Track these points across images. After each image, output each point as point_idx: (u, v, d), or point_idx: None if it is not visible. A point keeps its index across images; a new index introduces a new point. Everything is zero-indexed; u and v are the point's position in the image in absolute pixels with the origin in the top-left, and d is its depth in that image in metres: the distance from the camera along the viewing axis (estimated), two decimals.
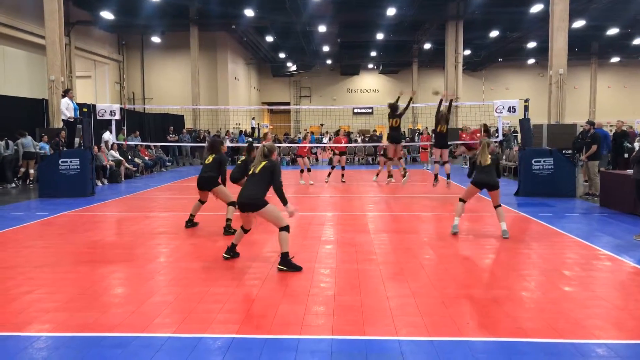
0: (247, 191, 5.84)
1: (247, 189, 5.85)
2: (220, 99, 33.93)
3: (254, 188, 5.81)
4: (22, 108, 16.87)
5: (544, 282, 5.33)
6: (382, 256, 6.41)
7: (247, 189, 5.87)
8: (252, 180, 5.88)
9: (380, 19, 28.35)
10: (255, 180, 5.85)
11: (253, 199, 5.77)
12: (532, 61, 43.22)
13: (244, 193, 5.86)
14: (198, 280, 5.40)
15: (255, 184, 5.83)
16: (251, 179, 5.91)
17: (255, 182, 5.84)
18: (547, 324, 4.13)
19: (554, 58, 16.52)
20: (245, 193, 5.84)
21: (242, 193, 5.89)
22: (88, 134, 12.71)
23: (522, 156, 12.01)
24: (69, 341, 3.86)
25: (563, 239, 7.38)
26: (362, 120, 42.86)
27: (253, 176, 5.90)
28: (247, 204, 5.82)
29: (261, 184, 5.82)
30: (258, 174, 5.85)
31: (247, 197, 5.81)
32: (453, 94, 26.50)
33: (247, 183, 5.97)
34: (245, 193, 5.84)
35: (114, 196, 12.41)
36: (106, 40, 31.98)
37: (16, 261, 6.25)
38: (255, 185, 5.82)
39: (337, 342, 3.81)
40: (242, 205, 5.87)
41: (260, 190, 5.80)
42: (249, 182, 5.92)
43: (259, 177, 5.83)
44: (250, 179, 5.92)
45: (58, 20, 16.10)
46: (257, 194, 5.78)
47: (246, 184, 5.96)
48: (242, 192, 5.89)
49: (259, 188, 5.81)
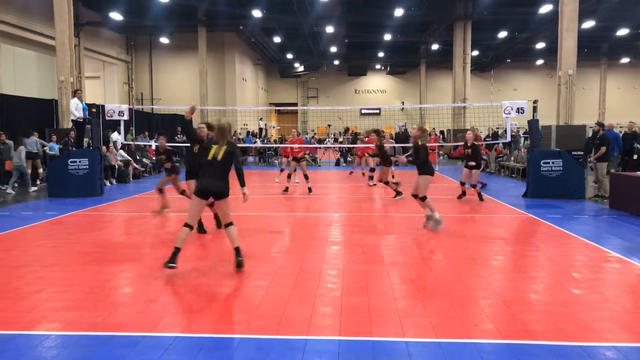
0: (213, 179, 5.63)
1: (214, 177, 5.64)
2: (227, 100, 34.03)
3: (220, 176, 5.66)
4: (32, 108, 17.02)
5: (553, 284, 5.30)
6: (389, 257, 6.40)
7: (212, 176, 5.64)
8: (216, 167, 5.65)
9: (388, 19, 28.31)
10: (219, 166, 5.65)
11: (222, 187, 5.66)
12: (541, 62, 42.98)
13: (210, 181, 5.63)
14: (205, 280, 5.42)
15: (220, 170, 5.66)
16: (214, 166, 5.65)
17: (219, 170, 5.66)
18: (556, 327, 4.11)
19: (563, 59, 16.41)
20: (212, 181, 5.63)
21: (208, 181, 5.63)
22: (97, 134, 12.80)
23: (530, 157, 11.94)
24: (78, 340, 3.89)
25: (572, 241, 7.33)
26: (370, 121, 42.77)
27: (214, 163, 5.65)
28: (217, 192, 5.66)
29: (225, 171, 5.69)
30: (220, 161, 5.65)
31: (217, 186, 5.64)
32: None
33: (209, 171, 5.68)
34: (213, 181, 5.63)
35: (123, 196, 12.48)
36: (115, 41, 32.18)
37: (26, 260, 6.30)
38: (221, 173, 5.66)
39: (345, 343, 3.81)
40: (213, 194, 5.68)
41: (226, 178, 5.71)
42: (213, 170, 5.65)
43: (221, 163, 5.65)
44: (213, 166, 5.65)
45: (68, 21, 16.23)
46: (225, 183, 5.68)
47: (209, 172, 5.67)
48: (208, 181, 5.63)
49: (224, 175, 5.69)
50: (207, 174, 5.69)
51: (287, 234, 8.17)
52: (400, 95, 46.52)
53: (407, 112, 44.30)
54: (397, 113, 43.78)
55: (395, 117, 41.88)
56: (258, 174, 19.23)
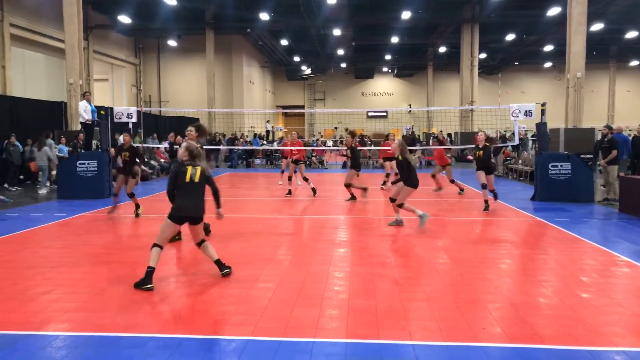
0: (193, 203, 5.38)
1: (193, 201, 5.37)
2: (235, 102, 34.17)
3: (199, 199, 5.42)
4: (41, 111, 17.17)
5: (561, 288, 5.26)
6: (396, 260, 6.39)
7: (191, 200, 5.37)
8: (194, 189, 5.39)
9: (395, 22, 28.33)
10: (198, 189, 5.41)
11: (201, 212, 5.45)
12: (549, 65, 42.80)
13: (189, 205, 5.35)
14: (213, 282, 5.44)
15: (198, 193, 5.41)
16: (192, 188, 5.38)
17: (198, 192, 5.41)
18: (564, 331, 4.08)
19: (571, 61, 16.33)
20: (192, 206, 5.37)
21: (187, 205, 5.35)
22: (105, 136, 12.88)
23: (538, 160, 11.88)
24: (86, 340, 3.91)
25: (580, 245, 7.28)
26: (377, 124, 42.79)
27: (192, 185, 5.37)
28: (195, 217, 5.43)
29: (202, 193, 5.45)
30: (198, 183, 5.39)
31: (196, 211, 5.41)
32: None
33: (187, 193, 5.37)
34: (193, 206, 5.38)
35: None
36: (123, 44, 32.43)
37: (35, 261, 6.35)
38: (199, 196, 5.42)
39: (352, 346, 3.80)
40: (190, 219, 5.44)
41: (203, 201, 5.46)
42: (191, 192, 5.38)
43: (200, 185, 5.42)
44: (192, 189, 5.38)
45: (77, 24, 16.36)
46: (202, 206, 5.46)
47: (187, 195, 5.37)
48: (187, 205, 5.35)
49: (201, 198, 5.44)
50: (184, 197, 5.38)
51: (294, 237, 8.17)
52: (408, 98, 46.49)
53: (414, 114, 44.26)
54: (404, 116, 43.75)
55: (403, 119, 41.85)
56: (265, 176, 19.27)
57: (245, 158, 25.06)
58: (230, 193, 13.89)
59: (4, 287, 5.24)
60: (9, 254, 6.74)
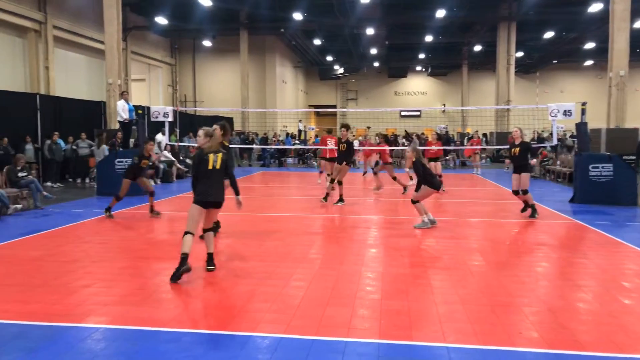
0: (215, 189, 5.68)
1: (215, 187, 5.67)
2: (268, 102, 34.44)
3: (220, 185, 5.75)
4: (81, 110, 17.74)
5: (602, 293, 5.09)
6: (429, 261, 6.32)
7: (213, 186, 5.66)
8: (216, 176, 5.67)
9: (430, 20, 27.96)
10: (219, 175, 5.70)
11: (222, 197, 5.76)
12: (590, 63, 41.42)
13: (212, 191, 5.64)
14: (247, 279, 5.50)
15: (219, 180, 5.74)
16: (214, 175, 5.65)
17: (219, 178, 5.72)
18: (606, 337, 3.95)
19: (614, 59, 15.78)
20: (214, 191, 5.67)
21: (210, 191, 5.63)
22: (142, 134, 13.19)
23: (578, 162, 11.53)
24: (124, 334, 4.02)
25: (623, 249, 7.03)
26: (410, 123, 42.35)
27: (213, 172, 5.64)
28: (217, 202, 5.73)
29: (222, 179, 5.78)
30: (219, 170, 5.67)
31: (218, 196, 5.71)
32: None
33: (209, 180, 5.64)
34: (215, 191, 5.67)
35: (166, 195, 12.82)
36: (160, 45, 33.14)
37: (76, 255, 6.57)
38: (220, 182, 5.76)
39: (385, 347, 3.78)
40: (213, 205, 5.74)
41: (223, 187, 5.80)
42: (213, 178, 5.64)
43: (220, 172, 5.69)
44: (213, 175, 5.65)
45: (116, 26, 16.81)
46: (223, 192, 5.77)
47: (209, 181, 5.64)
48: (210, 190, 5.63)
49: (222, 184, 5.79)
50: (207, 183, 5.63)
51: (326, 236, 8.18)
52: (442, 97, 45.83)
53: (448, 114, 43.60)
54: (438, 115, 43.14)
55: (437, 119, 41.27)
56: (297, 175, 19.36)
57: (277, 157, 25.24)
58: (263, 192, 14.02)
59: (48, 280, 5.44)
60: (53, 248, 6.99)
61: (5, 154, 12.79)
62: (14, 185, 10.47)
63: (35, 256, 6.51)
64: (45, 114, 15.77)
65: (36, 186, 10.60)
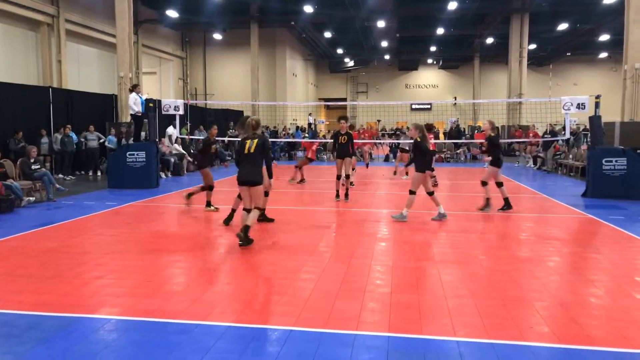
0: (248, 170, 6.52)
1: (248, 168, 6.51)
2: (278, 95, 34.44)
3: (252, 166, 6.54)
4: (94, 103, 17.87)
5: (614, 288, 5.04)
6: (439, 255, 6.30)
7: (246, 167, 6.52)
8: (250, 159, 6.49)
9: (441, 12, 27.71)
10: (252, 158, 6.49)
11: (256, 176, 6.53)
12: (604, 55, 40.83)
13: (245, 172, 6.53)
14: (257, 272, 5.53)
15: (252, 162, 6.52)
16: (248, 158, 6.50)
17: (252, 161, 6.51)
18: (618, 333, 3.92)
19: (629, 52, 15.54)
20: (247, 172, 6.53)
21: (243, 172, 6.54)
22: (153, 127, 13.26)
23: (591, 155, 11.40)
24: (135, 325, 4.06)
25: (636, 244, 6.95)
26: (421, 117, 42.10)
27: (248, 155, 6.49)
28: (250, 181, 6.53)
29: (256, 162, 6.55)
30: (253, 153, 6.47)
31: (250, 175, 6.53)
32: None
33: (245, 163, 6.53)
34: (247, 172, 6.52)
35: (177, 188, 12.89)
36: (171, 38, 33.22)
37: (88, 247, 6.64)
38: (253, 164, 6.52)
39: (394, 340, 3.78)
40: (247, 183, 6.57)
41: (258, 168, 6.57)
42: (247, 161, 6.51)
43: (253, 155, 6.49)
44: (248, 158, 6.50)
45: (128, 19, 16.89)
46: (257, 172, 6.54)
47: (245, 164, 6.54)
48: (244, 171, 6.54)
49: (256, 165, 6.55)
50: (242, 165, 6.55)
51: (335, 229, 8.18)
52: (453, 90, 45.50)
53: (459, 107, 43.30)
54: (450, 108, 42.86)
55: (448, 112, 41.01)
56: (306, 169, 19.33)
57: (287, 150, 25.25)
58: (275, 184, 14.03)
59: (61, 271, 5.51)
60: (66, 239, 7.07)
61: (21, 147, 12.92)
62: (28, 178, 10.59)
63: (49, 248, 6.59)
64: (57, 107, 15.91)
65: (49, 179, 10.72)
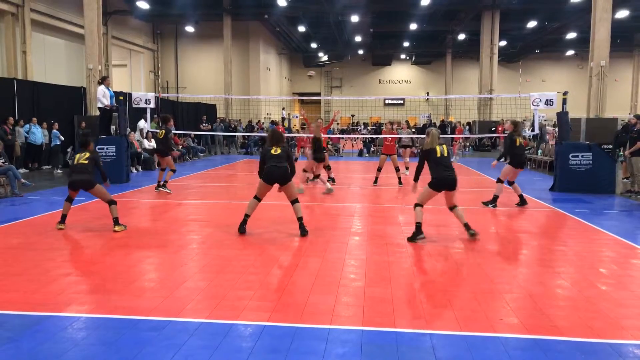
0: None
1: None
2: (251, 89, 34.17)
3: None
4: (61, 96, 17.37)
5: (580, 279, 5.20)
6: (412, 249, 6.37)
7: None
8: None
9: (414, 8, 27.94)
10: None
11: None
12: (571, 53, 41.89)
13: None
14: (230, 268, 5.48)
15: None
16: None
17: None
18: (583, 323, 4.04)
19: (595, 50, 15.97)
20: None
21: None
22: (123, 121, 12.99)
23: (559, 150, 11.69)
24: (106, 322, 3.99)
25: (600, 236, 7.17)
26: (394, 112, 42.44)
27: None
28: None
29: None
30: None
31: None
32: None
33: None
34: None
35: (148, 183, 12.67)
36: (142, 30, 32.55)
37: (55, 244, 6.47)
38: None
39: (368, 333, 3.81)
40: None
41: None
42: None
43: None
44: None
45: (96, 10, 16.43)
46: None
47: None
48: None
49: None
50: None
51: (310, 224, 8.17)
52: (425, 86, 45.99)
53: (432, 102, 43.79)
54: (422, 103, 43.31)
55: (420, 107, 41.44)
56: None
57: (261, 145, 25.11)
58: (245, 180, 13.96)
59: (27, 268, 5.36)
60: (32, 236, 6.88)
61: None
62: None
63: (14, 244, 6.40)
64: (22, 100, 15.41)
65: (14, 173, 10.39)
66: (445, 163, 6.74)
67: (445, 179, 6.67)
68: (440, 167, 6.71)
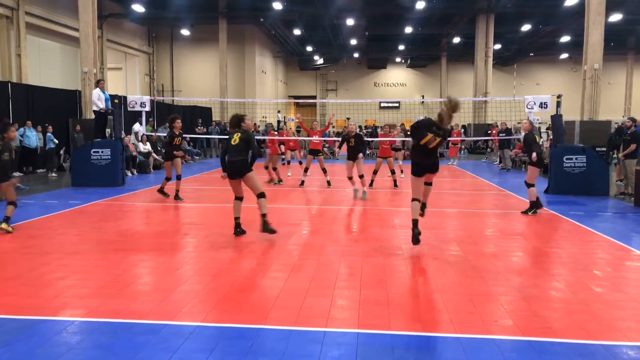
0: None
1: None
2: (247, 92, 34.14)
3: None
4: (56, 99, 17.32)
5: (574, 282, 5.22)
6: (407, 251, 6.38)
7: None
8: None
9: (410, 12, 28.01)
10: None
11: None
12: (565, 56, 42.11)
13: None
14: (225, 271, 5.48)
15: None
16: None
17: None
18: (577, 325, 4.06)
19: (588, 53, 16.07)
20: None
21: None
22: (119, 124, 12.96)
23: (553, 153, 11.75)
24: (101, 326, 3.97)
25: (595, 239, 7.21)
26: (389, 115, 42.48)
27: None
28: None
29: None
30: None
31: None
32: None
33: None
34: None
35: (143, 186, 12.65)
36: (137, 33, 32.50)
37: (51, 247, 6.44)
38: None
39: (363, 336, 3.81)
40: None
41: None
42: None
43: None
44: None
45: (92, 13, 16.42)
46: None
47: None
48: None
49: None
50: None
51: (305, 227, 8.19)
52: (421, 89, 46.09)
53: (427, 105, 43.85)
54: (417, 106, 43.37)
55: (415, 110, 41.49)
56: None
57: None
58: None
59: (21, 272, 5.33)
60: (26, 240, 6.85)
61: None
62: None
63: (8, 248, 6.37)
64: (17, 103, 15.36)
65: None
66: (424, 150, 6.31)
67: (422, 164, 6.38)
68: (418, 151, 6.38)
